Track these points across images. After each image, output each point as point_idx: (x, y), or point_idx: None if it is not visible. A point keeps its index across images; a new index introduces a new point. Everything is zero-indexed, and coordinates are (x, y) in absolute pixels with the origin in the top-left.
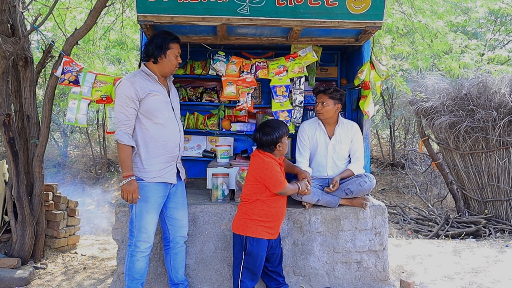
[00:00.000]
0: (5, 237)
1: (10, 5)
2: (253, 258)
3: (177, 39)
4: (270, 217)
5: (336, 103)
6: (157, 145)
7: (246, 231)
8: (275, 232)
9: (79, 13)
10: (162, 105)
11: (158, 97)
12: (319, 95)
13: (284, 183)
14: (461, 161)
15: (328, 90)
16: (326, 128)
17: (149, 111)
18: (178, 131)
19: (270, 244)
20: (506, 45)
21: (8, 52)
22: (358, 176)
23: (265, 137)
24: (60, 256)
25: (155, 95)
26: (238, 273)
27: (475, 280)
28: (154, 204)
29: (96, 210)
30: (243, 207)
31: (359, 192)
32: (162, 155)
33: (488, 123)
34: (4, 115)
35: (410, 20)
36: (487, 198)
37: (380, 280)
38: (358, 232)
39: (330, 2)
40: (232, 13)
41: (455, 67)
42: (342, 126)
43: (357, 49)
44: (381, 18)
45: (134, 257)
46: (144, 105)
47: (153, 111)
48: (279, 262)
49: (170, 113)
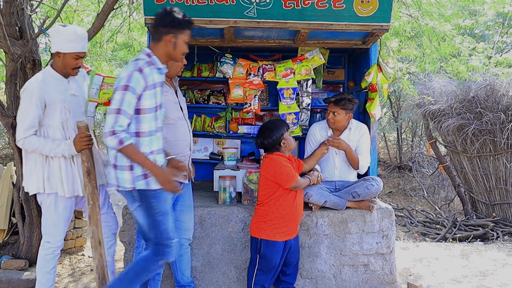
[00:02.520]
0: (12, 239)
1: (18, 8)
2: (267, 261)
3: None
4: (285, 216)
5: (348, 113)
6: (169, 145)
7: (260, 234)
8: (291, 232)
9: (87, 16)
10: (171, 105)
11: (167, 97)
12: (331, 105)
13: (296, 176)
14: (469, 164)
15: (340, 102)
16: (334, 131)
17: None
18: (188, 130)
19: (288, 245)
20: None
21: (16, 55)
22: (365, 180)
23: (267, 141)
24: (67, 258)
25: (165, 95)
26: (252, 275)
27: (483, 283)
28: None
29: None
30: (258, 210)
31: (366, 195)
32: (174, 155)
33: (496, 125)
34: (12, 117)
35: (418, 23)
36: (495, 201)
37: (387, 283)
38: (365, 235)
39: (337, 5)
40: (239, 15)
41: (462, 70)
42: (351, 130)
43: (364, 52)
44: (388, 21)
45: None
46: None
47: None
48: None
49: (179, 113)
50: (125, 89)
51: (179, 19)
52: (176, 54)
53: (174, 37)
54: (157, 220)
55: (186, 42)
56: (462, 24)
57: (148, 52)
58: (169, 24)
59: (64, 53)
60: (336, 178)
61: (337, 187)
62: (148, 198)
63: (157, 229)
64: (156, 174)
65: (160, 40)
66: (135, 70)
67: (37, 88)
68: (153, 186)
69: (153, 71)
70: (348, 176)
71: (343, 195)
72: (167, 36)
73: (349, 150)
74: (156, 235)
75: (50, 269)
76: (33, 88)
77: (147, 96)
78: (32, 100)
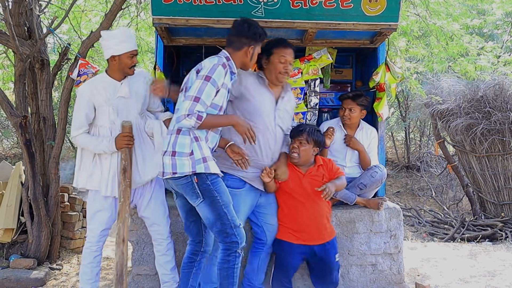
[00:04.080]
0: (21, 238)
1: (27, 8)
2: (278, 259)
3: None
4: (291, 218)
5: (362, 109)
6: (248, 149)
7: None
8: (308, 238)
9: (94, 16)
10: (264, 111)
11: (264, 101)
12: (347, 101)
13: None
14: (477, 163)
15: (358, 98)
16: (347, 130)
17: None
18: (274, 141)
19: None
20: None
21: (25, 55)
22: (369, 169)
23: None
24: (75, 257)
25: (262, 97)
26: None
27: (491, 283)
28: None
29: None
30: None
31: (372, 184)
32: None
33: (504, 125)
34: (21, 117)
35: (425, 22)
36: (504, 201)
37: (395, 283)
38: (373, 234)
39: (345, 4)
40: (247, 15)
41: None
42: (363, 130)
43: (372, 51)
44: (396, 20)
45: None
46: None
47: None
48: (324, 285)
49: (269, 122)
50: (207, 79)
51: (260, 33)
52: (251, 64)
53: (253, 49)
54: (222, 212)
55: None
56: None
57: (227, 55)
58: (251, 36)
59: (119, 55)
60: (346, 174)
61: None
62: (208, 187)
63: (222, 220)
64: (236, 119)
65: (241, 49)
66: (220, 64)
67: (85, 91)
68: (213, 170)
69: (228, 74)
70: (357, 173)
71: (351, 189)
72: (248, 47)
73: (362, 150)
74: (221, 227)
75: (87, 263)
76: (82, 91)
77: (219, 93)
78: (81, 102)
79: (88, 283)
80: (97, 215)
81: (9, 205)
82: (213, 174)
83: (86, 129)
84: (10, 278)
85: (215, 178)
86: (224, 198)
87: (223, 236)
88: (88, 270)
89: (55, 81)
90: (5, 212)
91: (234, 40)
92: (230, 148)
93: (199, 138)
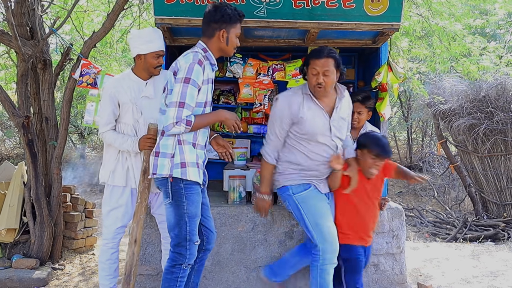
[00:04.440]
0: (23, 238)
1: (29, 8)
2: (350, 264)
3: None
4: (354, 221)
5: (369, 111)
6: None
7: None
8: (364, 239)
9: (97, 16)
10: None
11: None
12: (356, 104)
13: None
14: (480, 163)
15: (368, 101)
16: (351, 132)
17: None
18: (332, 152)
19: (364, 253)
20: None
21: (27, 55)
22: None
23: None
24: (77, 257)
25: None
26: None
27: (493, 283)
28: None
29: None
30: None
31: None
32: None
33: (507, 125)
34: (23, 117)
35: (428, 22)
36: (506, 201)
37: (397, 283)
38: (375, 235)
39: (347, 4)
40: (249, 15)
41: (473, 70)
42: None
43: (374, 51)
44: (398, 20)
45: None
46: None
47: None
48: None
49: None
50: (187, 81)
51: (229, 14)
52: (229, 49)
53: (226, 32)
54: (183, 221)
55: (238, 36)
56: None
57: (204, 47)
58: (219, 19)
59: (144, 54)
60: None
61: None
62: (180, 190)
63: (180, 228)
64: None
65: (213, 36)
66: (195, 62)
67: (110, 88)
68: (190, 177)
69: (207, 67)
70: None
71: None
72: (220, 32)
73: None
74: (178, 233)
75: (105, 260)
76: (107, 87)
77: (201, 90)
78: (106, 99)
79: (107, 279)
80: (112, 212)
81: (12, 205)
82: (190, 181)
83: (113, 126)
84: (13, 278)
85: (190, 184)
86: (191, 208)
87: (175, 243)
88: (106, 267)
89: (57, 81)
90: (8, 212)
91: (205, 28)
92: (215, 141)
93: (182, 142)
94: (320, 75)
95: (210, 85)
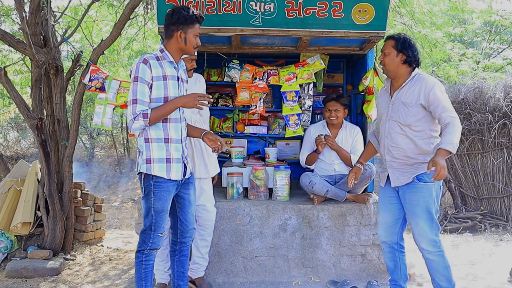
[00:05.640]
0: (38, 231)
1: (42, 18)
2: None
3: None
4: None
5: (345, 108)
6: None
7: None
8: None
9: (105, 25)
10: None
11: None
12: (332, 102)
13: None
14: (459, 161)
15: (341, 98)
16: (331, 130)
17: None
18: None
19: None
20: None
21: (41, 62)
22: None
23: None
24: (87, 248)
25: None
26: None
27: (471, 271)
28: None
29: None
30: None
31: (361, 180)
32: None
33: (483, 125)
34: (37, 119)
35: (411, 30)
36: (483, 195)
37: (383, 272)
38: (363, 227)
39: (336, 14)
40: (246, 24)
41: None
42: (346, 129)
43: (362, 57)
44: (384, 28)
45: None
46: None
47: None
48: None
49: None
50: (136, 80)
51: (185, 15)
52: (188, 48)
53: (183, 33)
54: (150, 215)
55: (197, 35)
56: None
57: (161, 48)
58: (177, 21)
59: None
60: (335, 172)
61: (336, 180)
62: (149, 187)
63: (148, 219)
64: (180, 101)
65: (172, 37)
66: (140, 61)
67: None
68: (154, 172)
69: (163, 64)
70: (345, 170)
71: (341, 186)
72: (177, 32)
73: (339, 150)
74: (147, 223)
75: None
76: None
77: (154, 86)
78: None
79: (160, 265)
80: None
81: (27, 201)
82: (159, 176)
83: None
84: (28, 268)
85: (159, 181)
86: (157, 204)
87: (142, 230)
88: (159, 253)
89: (68, 85)
90: (23, 207)
91: (165, 30)
92: (206, 137)
93: (150, 140)
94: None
95: (170, 81)
